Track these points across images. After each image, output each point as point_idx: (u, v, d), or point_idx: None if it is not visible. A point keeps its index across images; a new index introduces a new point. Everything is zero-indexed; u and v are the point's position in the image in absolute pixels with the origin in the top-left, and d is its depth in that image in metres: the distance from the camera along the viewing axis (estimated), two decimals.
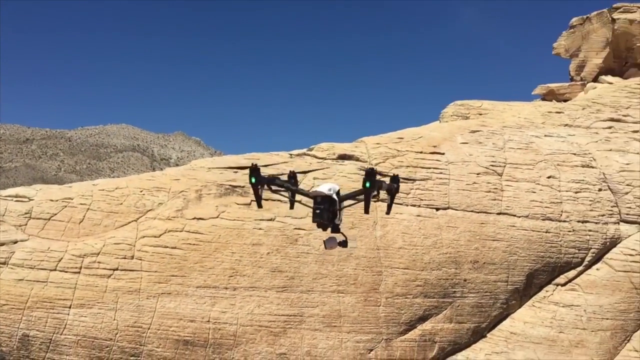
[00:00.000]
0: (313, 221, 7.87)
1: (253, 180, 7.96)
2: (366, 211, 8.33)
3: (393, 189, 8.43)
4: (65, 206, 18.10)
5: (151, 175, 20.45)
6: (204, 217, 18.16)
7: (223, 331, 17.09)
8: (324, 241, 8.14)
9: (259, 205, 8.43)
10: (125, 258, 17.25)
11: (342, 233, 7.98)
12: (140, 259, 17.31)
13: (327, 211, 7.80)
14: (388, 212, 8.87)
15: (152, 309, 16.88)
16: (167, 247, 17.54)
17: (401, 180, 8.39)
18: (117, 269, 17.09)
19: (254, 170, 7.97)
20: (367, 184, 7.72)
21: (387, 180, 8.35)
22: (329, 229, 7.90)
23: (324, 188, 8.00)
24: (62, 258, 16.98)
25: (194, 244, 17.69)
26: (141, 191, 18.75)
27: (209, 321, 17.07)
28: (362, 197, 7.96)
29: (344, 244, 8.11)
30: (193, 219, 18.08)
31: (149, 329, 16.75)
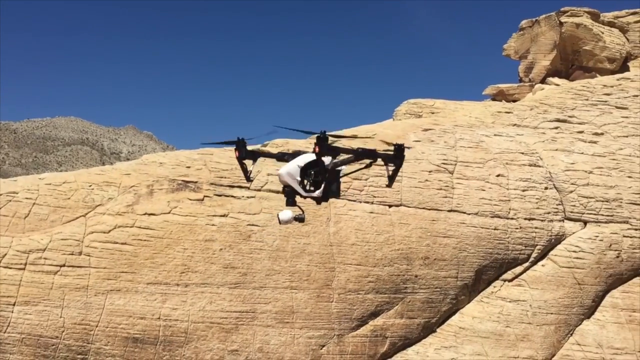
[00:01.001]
0: (322, 197, 7.40)
1: (237, 154, 7.57)
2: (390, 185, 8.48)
3: (401, 160, 8.20)
4: (10, 200, 17.50)
5: (101, 169, 19.98)
6: (156, 212, 17.87)
7: (174, 328, 16.87)
8: (278, 215, 7.68)
9: (248, 180, 8.02)
10: (72, 254, 16.81)
11: (299, 206, 7.60)
12: (89, 255, 16.90)
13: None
14: (390, 185, 8.73)
15: (100, 306, 16.52)
16: (116, 243, 17.18)
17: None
18: (64, 265, 16.64)
19: (240, 144, 7.55)
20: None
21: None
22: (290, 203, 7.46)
23: (292, 164, 7.62)
24: (6, 254, 16.42)
25: (144, 240, 17.39)
26: (90, 186, 18.30)
27: (159, 318, 16.82)
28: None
29: (301, 218, 7.67)
30: (144, 214, 17.77)
31: (97, 326, 16.39)
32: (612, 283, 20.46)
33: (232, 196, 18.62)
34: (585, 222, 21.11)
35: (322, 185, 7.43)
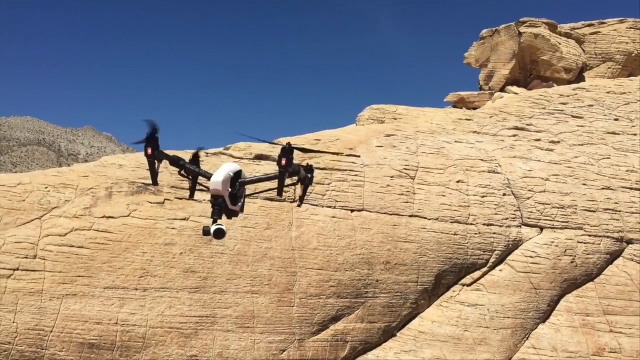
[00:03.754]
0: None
1: (150, 152, 6.78)
2: (280, 194, 7.55)
3: (307, 179, 7.87)
4: None
5: (58, 171, 19.50)
6: (114, 215, 17.53)
7: (132, 333, 16.55)
8: (214, 231, 6.83)
9: (154, 182, 7.25)
10: (27, 258, 16.34)
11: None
12: (44, 259, 16.46)
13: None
14: (300, 205, 8.45)
15: (55, 311, 16.10)
16: (73, 246, 16.78)
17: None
18: (17, 269, 16.17)
19: (151, 140, 6.76)
20: (284, 163, 7.07)
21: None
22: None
23: (224, 172, 6.87)
24: None
25: (102, 244, 17.03)
26: (46, 187, 17.84)
27: (117, 323, 16.49)
28: (269, 180, 7.38)
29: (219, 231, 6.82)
30: (102, 217, 17.41)
31: (51, 332, 15.96)
32: (567, 288, 20.94)
33: (194, 199, 18.38)
34: (541, 228, 21.56)
35: (242, 200, 7.18)
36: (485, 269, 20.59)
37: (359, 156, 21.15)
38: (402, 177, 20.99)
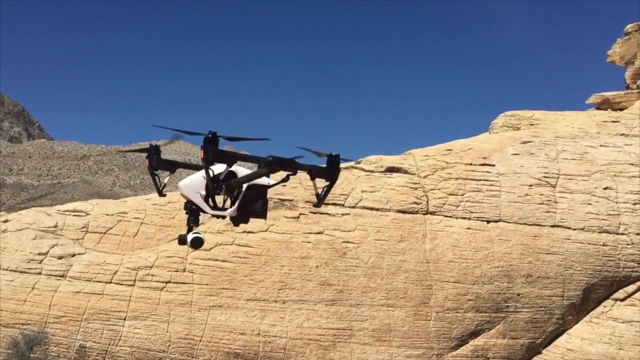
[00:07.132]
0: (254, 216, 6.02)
1: (154, 163, 6.16)
2: (319, 204, 6.68)
3: (335, 174, 6.49)
4: (120, 220, 18.62)
5: None
6: (254, 230, 18.36)
7: (273, 344, 17.16)
8: (191, 240, 6.41)
9: (159, 193, 6.72)
10: (177, 271, 17.58)
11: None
12: (192, 272, 17.61)
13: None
14: (319, 205, 6.86)
15: (203, 321, 17.12)
16: (217, 260, 17.80)
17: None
18: (169, 282, 17.44)
19: (153, 152, 6.13)
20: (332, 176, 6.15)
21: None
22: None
23: (194, 176, 6.10)
24: (117, 271, 17.44)
25: (243, 257, 17.89)
26: None
27: (259, 334, 17.19)
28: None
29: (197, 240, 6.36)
30: (243, 232, 18.30)
31: (200, 341, 16.98)
32: None
33: (327, 213, 18.78)
34: None
35: (237, 203, 6.19)
36: None
37: (494, 165, 20.43)
38: (542, 185, 19.96)
